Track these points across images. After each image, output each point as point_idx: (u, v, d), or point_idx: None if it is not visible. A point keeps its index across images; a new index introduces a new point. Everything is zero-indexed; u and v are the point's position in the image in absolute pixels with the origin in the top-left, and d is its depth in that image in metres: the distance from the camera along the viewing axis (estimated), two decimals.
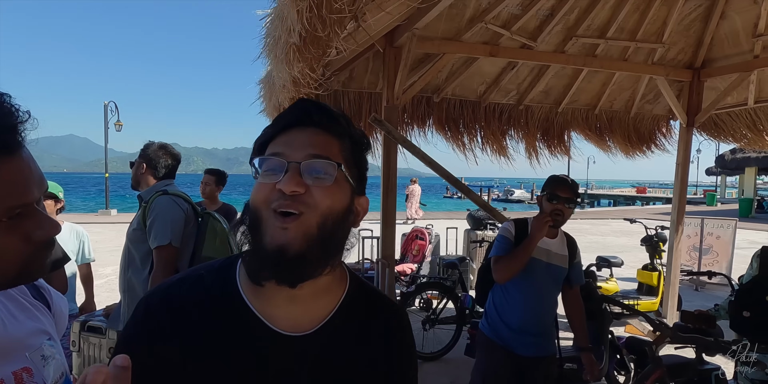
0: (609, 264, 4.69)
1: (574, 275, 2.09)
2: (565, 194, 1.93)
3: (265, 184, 0.57)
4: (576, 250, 2.13)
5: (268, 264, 0.56)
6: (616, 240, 11.29)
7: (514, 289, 2.05)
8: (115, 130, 17.40)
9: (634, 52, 3.81)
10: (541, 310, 2.03)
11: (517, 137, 4.48)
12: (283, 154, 0.58)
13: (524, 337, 2.02)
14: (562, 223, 1.98)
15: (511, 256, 1.95)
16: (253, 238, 0.58)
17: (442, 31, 3.24)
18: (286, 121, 0.61)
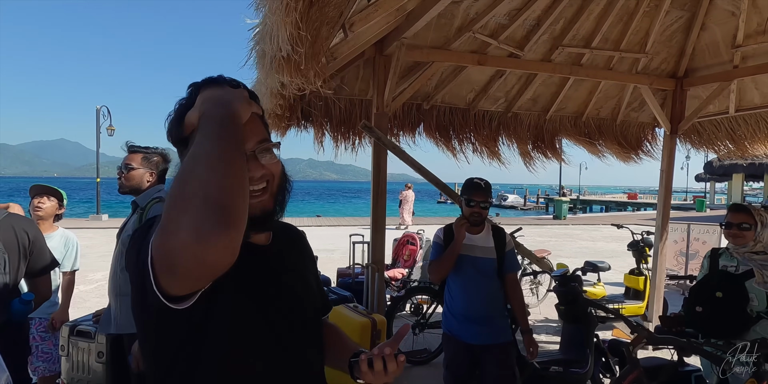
0: (596, 269, 4.76)
1: (506, 264, 2.28)
2: (479, 198, 2.23)
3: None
4: (504, 240, 2.32)
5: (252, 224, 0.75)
6: (606, 245, 11.40)
7: (453, 284, 2.34)
8: (107, 134, 17.32)
9: (618, 61, 3.92)
10: (477, 300, 2.22)
11: (509, 143, 4.56)
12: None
13: (469, 325, 2.24)
14: (481, 221, 2.25)
15: (440, 258, 2.26)
16: None
17: (431, 40, 3.31)
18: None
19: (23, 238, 1.78)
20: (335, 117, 3.79)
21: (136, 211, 2.17)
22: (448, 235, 2.32)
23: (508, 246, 2.32)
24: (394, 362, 0.80)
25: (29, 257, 1.88)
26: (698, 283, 2.04)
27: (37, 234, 1.87)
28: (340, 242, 9.33)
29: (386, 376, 0.80)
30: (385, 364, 0.80)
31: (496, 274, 2.28)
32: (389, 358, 0.80)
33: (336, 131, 3.87)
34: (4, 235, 1.71)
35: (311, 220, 17.10)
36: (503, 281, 2.31)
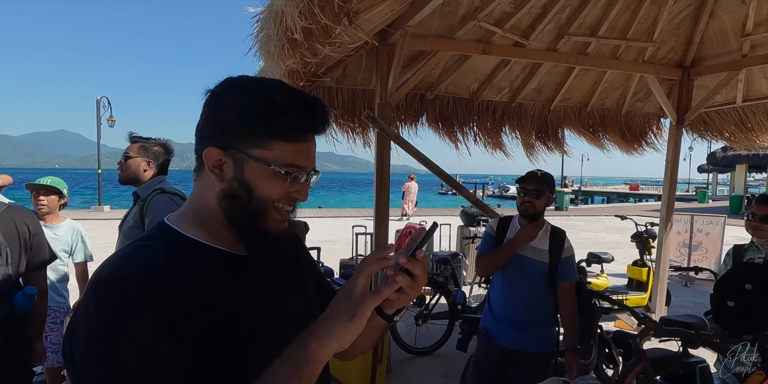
0: (599, 260, 4.76)
1: (561, 271, 2.07)
2: (531, 186, 2.05)
3: (281, 186, 0.71)
4: (562, 245, 2.10)
5: (266, 240, 0.73)
6: (609, 237, 11.40)
7: (496, 281, 2.21)
8: (107, 125, 17.25)
9: (625, 50, 3.85)
10: (517, 303, 2.08)
11: (512, 134, 4.52)
12: (304, 169, 0.72)
13: (503, 327, 2.11)
14: (533, 213, 2.07)
15: (491, 253, 2.10)
16: (251, 219, 0.71)
17: (435, 29, 3.26)
18: (310, 128, 0.72)
19: (24, 230, 1.77)
20: (339, 107, 3.75)
21: (137, 203, 2.16)
22: (503, 227, 2.17)
23: (567, 252, 2.08)
24: (418, 264, 0.65)
25: (30, 251, 1.87)
26: (724, 278, 1.93)
27: (37, 227, 1.85)
28: (342, 233, 9.34)
29: (417, 282, 0.66)
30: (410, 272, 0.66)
31: (546, 280, 2.07)
32: (410, 264, 0.65)
33: (339, 122, 3.83)
34: (5, 227, 1.69)
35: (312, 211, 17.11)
36: (554, 289, 2.08)
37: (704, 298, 5.59)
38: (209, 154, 0.70)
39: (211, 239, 0.72)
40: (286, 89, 0.71)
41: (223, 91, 0.70)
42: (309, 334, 0.62)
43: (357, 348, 0.83)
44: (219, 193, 0.71)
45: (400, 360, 3.70)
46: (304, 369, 0.60)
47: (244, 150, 0.69)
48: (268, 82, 0.72)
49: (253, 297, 0.72)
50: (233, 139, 0.69)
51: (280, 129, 0.68)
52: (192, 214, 0.74)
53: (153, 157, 2.19)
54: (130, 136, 2.25)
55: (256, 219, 0.71)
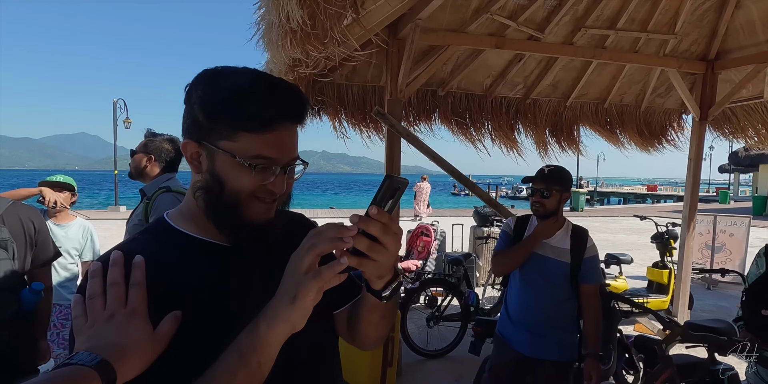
0: (618, 261, 4.60)
1: (584, 272, 1.95)
2: (538, 185, 1.94)
3: (251, 179, 0.68)
4: (584, 244, 1.97)
5: (248, 231, 0.71)
6: (626, 238, 11.13)
7: (513, 283, 2.09)
8: (124, 127, 17.55)
9: (645, 43, 3.71)
10: (535, 307, 1.97)
11: (526, 132, 4.40)
12: (274, 160, 0.68)
13: (521, 332, 2.00)
14: (545, 213, 1.95)
15: (508, 252, 1.99)
16: (226, 211, 0.69)
17: (446, 23, 3.17)
18: (277, 117, 0.67)
19: (29, 227, 1.75)
20: (348, 104, 3.69)
21: (143, 200, 2.13)
22: (520, 226, 2.06)
23: (590, 252, 1.95)
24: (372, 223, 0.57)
25: (35, 247, 1.85)
26: (757, 283, 1.77)
27: (42, 224, 1.83)
28: None
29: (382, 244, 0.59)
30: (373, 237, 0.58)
31: (568, 282, 1.94)
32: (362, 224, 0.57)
33: (349, 119, 3.77)
34: (11, 223, 1.67)
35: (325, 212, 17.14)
36: (577, 292, 1.96)
37: (728, 301, 5.37)
38: (185, 146, 0.71)
39: (199, 232, 0.73)
40: (254, 77, 0.68)
41: (194, 83, 0.70)
42: (257, 320, 0.61)
43: (365, 334, 0.81)
44: (194, 184, 0.72)
45: (411, 363, 3.62)
46: (252, 354, 0.59)
47: (213, 142, 0.67)
48: (239, 72, 0.69)
49: (237, 287, 0.71)
50: (203, 131, 0.68)
51: (242, 119, 0.65)
52: (185, 208, 0.76)
53: (155, 152, 2.17)
54: (146, 132, 2.26)
55: (232, 211, 0.70)
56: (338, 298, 0.86)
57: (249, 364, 0.59)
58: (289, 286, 0.60)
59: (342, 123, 3.70)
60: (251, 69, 0.71)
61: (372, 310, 0.75)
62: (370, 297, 0.71)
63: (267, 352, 0.60)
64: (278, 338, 0.60)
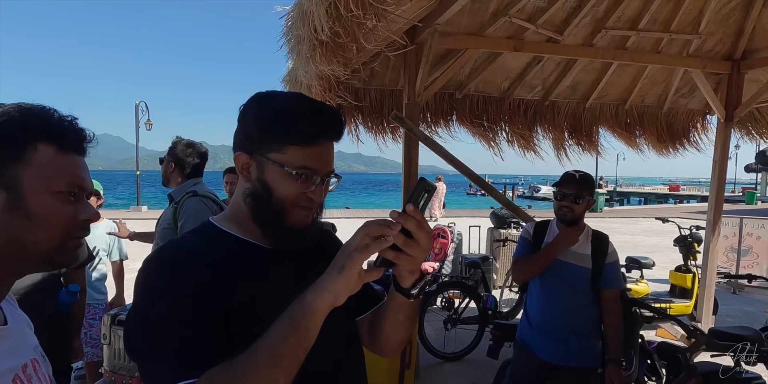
0: (639, 265, 4.53)
1: (606, 277, 1.95)
2: (570, 190, 1.91)
3: (297, 186, 0.77)
4: (605, 250, 1.98)
5: (289, 236, 0.79)
6: (647, 240, 10.90)
7: (533, 289, 2.09)
8: (145, 128, 17.97)
9: (667, 43, 3.64)
10: (557, 312, 1.96)
11: (544, 134, 4.36)
12: (316, 171, 0.78)
13: (541, 338, 1.99)
14: (572, 218, 1.93)
15: (529, 259, 1.98)
16: (272, 216, 0.78)
17: (464, 26, 3.18)
18: (320, 133, 0.78)
19: None
20: (366, 108, 3.73)
21: (171, 205, 2.20)
22: (540, 232, 2.05)
23: (611, 258, 1.96)
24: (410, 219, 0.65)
25: None
26: None
27: None
28: None
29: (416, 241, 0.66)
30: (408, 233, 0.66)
31: (589, 288, 1.94)
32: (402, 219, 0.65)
33: (366, 122, 3.81)
34: None
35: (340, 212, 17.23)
36: (598, 297, 1.96)
37: (755, 306, 5.22)
38: (238, 158, 0.80)
39: (243, 233, 0.81)
40: (301, 99, 0.79)
41: (249, 104, 0.81)
42: (307, 290, 0.68)
43: (388, 337, 0.88)
44: (244, 191, 0.80)
45: (429, 365, 3.63)
46: (302, 320, 0.65)
47: (264, 154, 0.77)
48: (287, 95, 0.81)
49: (275, 286, 0.78)
50: (255, 144, 0.78)
51: (291, 134, 0.76)
52: (230, 212, 0.85)
53: (172, 157, 2.25)
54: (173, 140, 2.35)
55: (277, 215, 0.78)
56: (361, 304, 0.93)
57: (299, 328, 0.65)
58: (339, 260, 0.67)
59: (358, 127, 3.73)
60: (297, 93, 0.84)
61: (398, 310, 0.82)
62: (398, 296, 0.78)
63: (314, 318, 0.66)
64: (323, 306, 0.67)
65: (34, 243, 0.63)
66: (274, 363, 0.64)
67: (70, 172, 0.66)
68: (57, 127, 0.66)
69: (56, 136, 0.65)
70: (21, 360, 0.66)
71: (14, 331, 0.68)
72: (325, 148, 0.79)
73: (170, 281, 0.70)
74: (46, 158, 0.64)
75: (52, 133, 0.65)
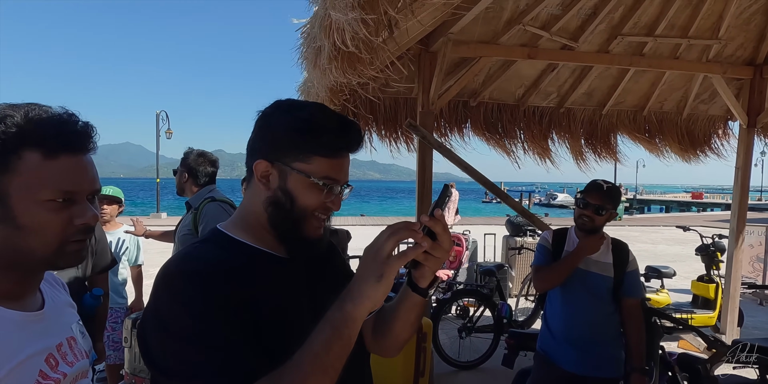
0: (660, 274, 4.42)
1: (627, 286, 1.94)
2: (595, 201, 1.89)
3: (318, 196, 0.79)
4: (627, 258, 1.98)
5: (306, 245, 0.81)
6: (668, 249, 10.63)
7: (554, 298, 2.06)
8: (165, 137, 18.42)
9: (686, 49, 3.60)
10: (581, 322, 1.93)
11: (560, 141, 4.33)
12: (338, 181, 0.80)
13: (565, 348, 1.96)
14: (591, 228, 1.92)
15: (551, 268, 1.96)
16: (292, 225, 0.79)
17: (478, 35, 3.19)
18: (345, 146, 0.81)
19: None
20: (380, 116, 3.76)
21: (190, 211, 2.26)
22: (559, 240, 2.04)
23: (631, 266, 1.97)
24: (438, 223, 0.68)
25: (95, 255, 2.00)
26: None
27: (101, 233, 1.98)
28: None
29: (440, 243, 0.69)
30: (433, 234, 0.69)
31: (611, 296, 1.94)
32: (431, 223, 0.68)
33: (381, 130, 3.84)
34: None
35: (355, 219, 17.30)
36: (619, 305, 1.96)
37: None
38: (258, 165, 0.79)
39: (255, 242, 0.81)
40: (326, 111, 0.81)
41: (272, 111, 0.81)
42: (343, 298, 0.68)
43: (396, 337, 0.90)
44: (265, 200, 0.80)
45: (443, 373, 3.60)
46: (344, 329, 0.66)
47: (288, 163, 0.77)
48: (311, 105, 0.82)
49: (292, 295, 0.79)
50: (279, 152, 0.78)
51: (320, 145, 0.77)
52: (240, 220, 0.84)
53: (188, 167, 2.32)
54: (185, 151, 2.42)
55: (297, 225, 0.79)
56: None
57: (342, 337, 0.66)
58: (372, 268, 0.68)
59: (371, 134, 3.77)
60: (318, 103, 0.86)
61: (412, 310, 0.84)
62: (414, 296, 0.80)
63: (354, 326, 0.67)
64: (363, 314, 0.68)
65: (29, 251, 0.62)
66: (323, 372, 0.65)
67: (59, 178, 0.62)
68: (40, 130, 0.61)
69: (40, 141, 0.60)
70: (56, 339, 0.68)
71: (49, 314, 0.70)
72: (346, 160, 0.82)
73: (199, 295, 0.68)
74: (32, 166, 0.60)
75: (35, 138, 0.60)
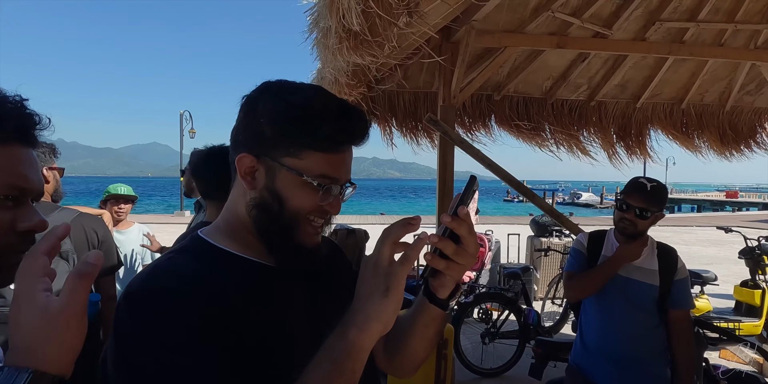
0: (700, 279, 4.13)
1: (675, 296, 1.72)
2: (637, 203, 1.67)
3: (312, 198, 0.66)
4: (674, 265, 1.76)
5: (297, 255, 0.69)
6: (704, 250, 10.12)
7: (590, 307, 1.87)
8: (189, 137, 18.79)
9: (732, 35, 3.31)
10: (618, 334, 1.74)
11: (590, 136, 4.09)
12: (337, 180, 0.68)
13: (601, 362, 1.77)
14: (633, 233, 1.71)
15: (585, 275, 1.77)
16: (281, 231, 0.67)
17: (503, 23, 3.01)
18: (347, 138, 0.68)
19: (92, 237, 1.82)
20: (400, 112, 3.62)
21: (200, 211, 2.19)
22: (595, 243, 1.84)
23: (680, 274, 1.74)
24: (463, 223, 0.60)
25: None
26: None
27: (106, 234, 1.90)
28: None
29: (465, 247, 0.61)
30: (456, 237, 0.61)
31: (656, 307, 1.73)
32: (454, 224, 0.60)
33: (401, 127, 3.70)
34: (76, 234, 1.75)
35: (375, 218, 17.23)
36: (665, 317, 1.75)
37: None
38: (242, 160, 0.67)
39: (242, 250, 0.70)
40: (325, 96, 0.67)
41: (258, 95, 0.67)
42: (346, 323, 0.58)
43: (413, 355, 0.78)
44: (249, 202, 0.68)
45: (465, 381, 3.44)
46: (347, 362, 0.57)
47: (276, 158, 0.65)
48: (307, 88, 0.68)
49: (286, 313, 0.68)
50: (266, 146, 0.66)
51: (315, 138, 0.64)
52: (224, 224, 0.72)
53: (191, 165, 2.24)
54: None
55: (287, 231, 0.67)
56: None
57: (344, 372, 0.57)
58: (374, 283, 0.59)
59: (391, 130, 3.63)
60: (315, 85, 0.71)
61: (430, 325, 0.73)
62: (432, 309, 0.69)
63: (360, 357, 0.58)
64: (371, 340, 0.58)
65: None
66: None
67: (7, 171, 0.54)
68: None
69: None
70: None
71: None
72: (347, 155, 0.69)
73: (167, 317, 0.58)
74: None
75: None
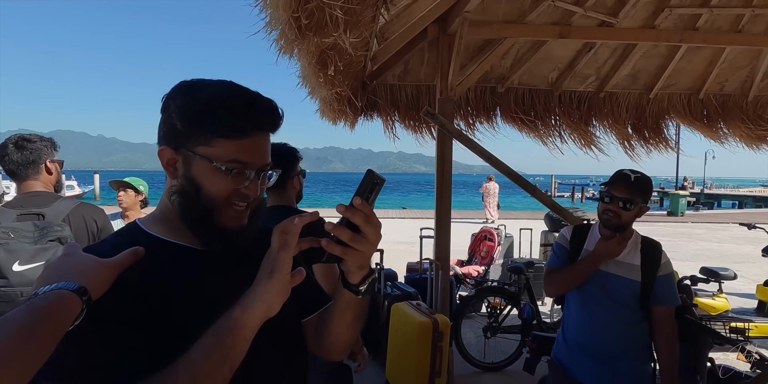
0: (717, 277, 3.96)
1: (658, 292, 1.67)
2: (620, 194, 1.64)
3: (228, 182, 0.72)
4: (657, 260, 1.70)
5: (221, 237, 0.74)
6: (737, 248, 9.64)
7: (571, 302, 1.85)
8: None
9: (750, 20, 3.13)
10: (596, 330, 1.71)
11: (603, 129, 3.96)
12: (249, 164, 0.72)
13: (584, 360, 1.74)
14: (617, 224, 1.66)
15: (564, 270, 1.75)
16: (201, 215, 0.73)
17: (502, 14, 2.95)
18: (251, 124, 0.72)
19: (92, 226, 1.91)
20: (402, 105, 3.62)
21: None
22: (578, 238, 1.82)
23: (664, 269, 1.69)
24: (357, 213, 0.63)
25: None
26: None
27: (106, 223, 1.99)
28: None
29: (363, 235, 0.65)
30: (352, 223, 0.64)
31: (638, 303, 1.69)
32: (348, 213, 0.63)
33: (404, 119, 3.70)
34: (76, 223, 1.85)
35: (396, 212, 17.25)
36: (648, 314, 1.70)
37: None
38: (162, 153, 0.74)
39: (171, 235, 0.76)
40: (232, 89, 0.72)
41: (172, 94, 0.74)
42: (235, 304, 0.65)
43: (335, 338, 0.83)
44: (170, 190, 0.75)
45: (465, 374, 3.45)
46: (227, 336, 0.62)
47: (191, 148, 0.71)
48: (216, 84, 0.74)
49: (202, 289, 0.72)
50: (180, 137, 0.72)
51: (220, 125, 0.70)
52: (158, 213, 0.79)
53: None
54: None
55: (206, 215, 0.73)
56: (307, 305, 0.88)
57: (224, 345, 0.62)
58: (264, 268, 0.66)
59: (394, 124, 3.63)
60: (226, 81, 0.75)
61: (346, 308, 0.77)
62: (346, 293, 0.74)
63: (242, 333, 0.63)
64: (253, 319, 0.64)
65: None
66: (195, 381, 0.60)
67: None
68: None
69: None
70: None
71: None
72: (258, 140, 0.74)
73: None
74: None
75: None
